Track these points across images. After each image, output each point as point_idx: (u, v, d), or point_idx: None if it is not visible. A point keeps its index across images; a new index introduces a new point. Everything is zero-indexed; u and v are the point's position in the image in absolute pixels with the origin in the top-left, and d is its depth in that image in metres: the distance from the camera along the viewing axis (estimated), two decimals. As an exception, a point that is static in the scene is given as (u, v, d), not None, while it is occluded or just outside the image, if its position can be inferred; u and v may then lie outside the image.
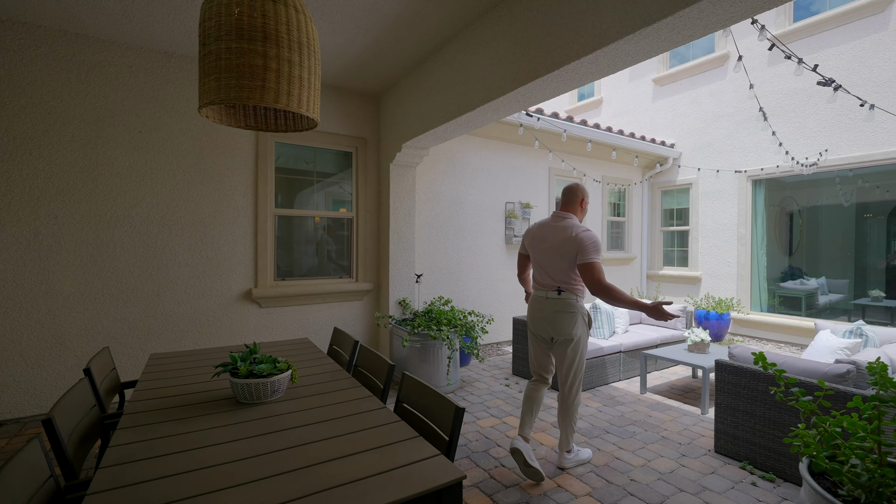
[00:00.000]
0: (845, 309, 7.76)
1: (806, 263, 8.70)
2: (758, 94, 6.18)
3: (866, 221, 8.91)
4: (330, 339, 3.08)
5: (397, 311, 4.66)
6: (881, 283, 7.93)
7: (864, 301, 7.29)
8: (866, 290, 7.82)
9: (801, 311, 7.14)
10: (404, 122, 4.24)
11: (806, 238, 8.89)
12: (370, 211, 4.80)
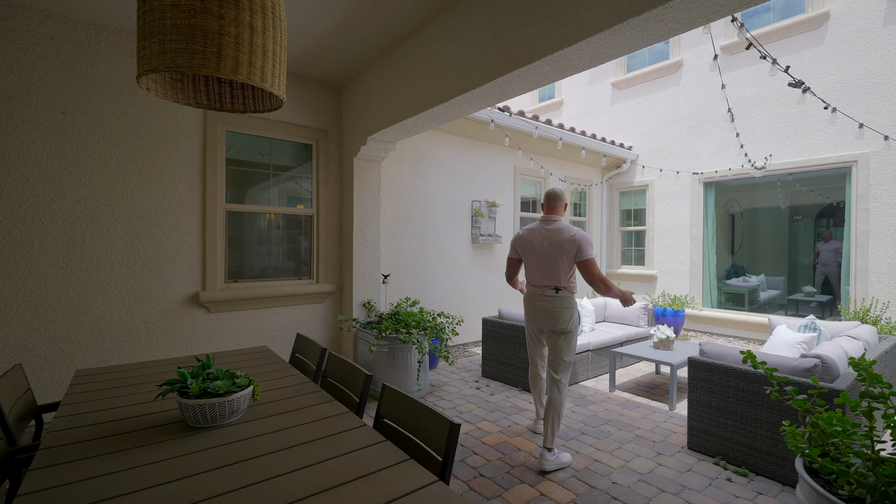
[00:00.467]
0: (781, 304, 8.36)
1: (747, 262, 9.31)
2: (708, 101, 6.48)
3: (797, 223, 9.66)
4: (292, 347, 2.80)
5: (361, 314, 4.41)
6: (811, 280, 8.60)
7: (797, 296, 7.87)
8: (799, 287, 8.46)
9: (744, 307, 7.59)
10: (370, 113, 4.01)
11: (747, 238, 9.52)
12: (332, 208, 4.51)
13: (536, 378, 3.12)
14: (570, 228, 2.75)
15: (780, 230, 9.81)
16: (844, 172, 5.32)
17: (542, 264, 2.77)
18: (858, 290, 5.12)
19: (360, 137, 4.17)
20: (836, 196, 5.80)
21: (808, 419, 1.59)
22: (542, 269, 2.78)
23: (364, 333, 3.98)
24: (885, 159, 4.96)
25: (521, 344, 4.03)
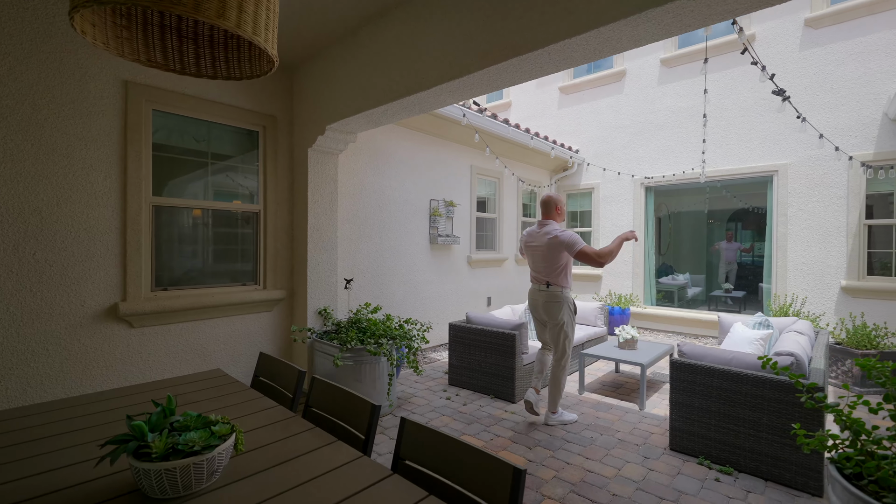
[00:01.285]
0: (702, 300, 9.17)
1: (673, 262, 10.09)
2: (649, 110, 6.85)
3: (713, 225, 10.67)
4: (255, 369, 2.38)
5: (317, 323, 3.97)
6: (725, 278, 9.52)
7: (717, 293, 8.66)
8: (717, 284, 9.34)
9: (674, 303, 8.17)
10: (331, 100, 3.60)
11: (672, 239, 10.33)
12: (282, 204, 4.01)
13: (543, 356, 3.46)
14: (554, 231, 3.22)
15: (700, 232, 10.78)
16: (766, 181, 5.88)
17: (535, 262, 3.35)
18: (779, 286, 5.68)
19: (318, 126, 3.74)
20: (759, 202, 6.43)
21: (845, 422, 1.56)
22: (535, 267, 3.35)
23: (323, 345, 3.57)
24: (801, 171, 5.54)
25: (491, 350, 3.87)
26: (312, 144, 3.82)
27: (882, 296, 4.98)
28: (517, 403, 3.72)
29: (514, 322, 3.86)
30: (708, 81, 6.29)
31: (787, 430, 2.43)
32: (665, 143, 6.66)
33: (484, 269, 6.44)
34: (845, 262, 5.23)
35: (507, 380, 3.77)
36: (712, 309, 7.95)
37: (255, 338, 3.84)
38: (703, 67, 5.40)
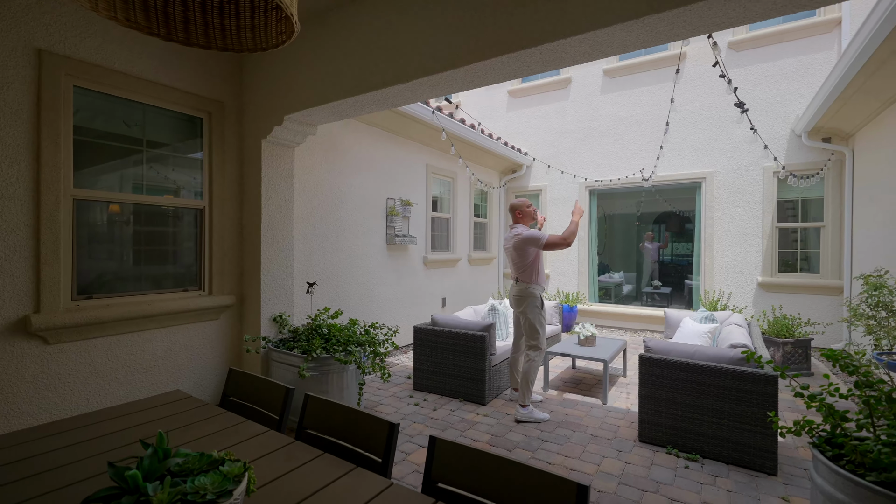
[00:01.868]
0: (634, 296, 9.88)
1: (609, 261, 10.76)
2: (593, 117, 7.22)
3: (640, 227, 11.54)
4: (224, 388, 2.10)
5: (272, 331, 3.64)
6: (653, 276, 10.33)
7: (648, 289, 9.37)
8: (646, 281, 10.12)
9: (611, 300, 8.70)
10: (292, 87, 3.31)
11: (608, 240, 11.01)
12: (230, 200, 3.62)
13: (517, 352, 3.77)
14: (518, 233, 3.52)
15: (630, 233, 11.61)
16: (696, 186, 6.45)
17: (508, 261, 3.68)
18: (707, 283, 6.25)
19: (275, 116, 3.42)
20: (689, 206, 7.05)
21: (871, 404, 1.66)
22: (510, 265, 3.66)
23: (282, 354, 3.27)
24: (725, 178, 6.15)
25: (460, 352, 3.81)
26: (268, 135, 3.48)
27: (790, 290, 5.68)
28: (488, 405, 3.69)
29: (481, 323, 3.82)
30: (644, 94, 6.76)
31: (747, 416, 2.64)
32: (608, 149, 7.05)
33: (439, 269, 6.37)
34: (761, 260, 5.89)
35: (476, 382, 3.73)
36: (643, 304, 8.57)
37: (199, 350, 3.43)
38: (644, 79, 5.79)
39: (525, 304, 3.49)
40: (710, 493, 2.39)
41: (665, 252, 11.51)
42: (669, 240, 11.70)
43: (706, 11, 1.86)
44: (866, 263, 4.70)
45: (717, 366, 2.72)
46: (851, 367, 1.77)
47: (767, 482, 2.49)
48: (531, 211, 3.67)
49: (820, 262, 5.58)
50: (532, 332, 3.48)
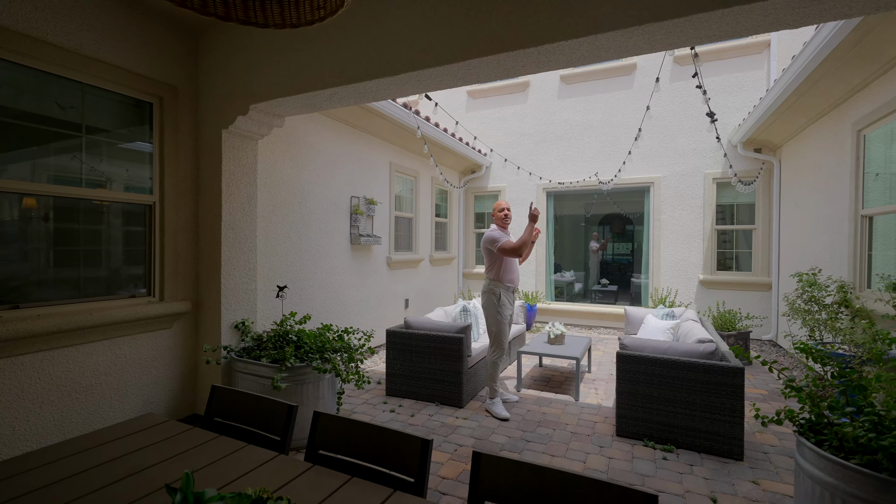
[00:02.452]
0: (583, 294, 10.34)
1: (561, 260, 11.16)
2: (550, 121, 7.43)
3: (586, 228, 12.09)
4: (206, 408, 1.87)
5: (233, 339, 3.34)
6: (600, 274, 10.87)
7: (596, 287, 9.85)
8: (593, 280, 10.63)
9: (564, 298, 9.04)
10: (260, 74, 3.04)
11: (558, 239, 11.40)
12: (184, 195, 3.27)
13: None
14: (487, 233, 3.67)
15: (578, 234, 12.14)
16: (645, 190, 6.86)
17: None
18: (654, 281, 6.67)
19: (239, 104, 3.13)
20: (638, 209, 7.49)
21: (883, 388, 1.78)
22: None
23: (248, 365, 3.00)
24: (671, 183, 6.60)
25: (436, 355, 3.73)
26: (230, 125, 3.19)
27: (727, 286, 6.21)
28: (466, 408, 3.65)
29: (457, 325, 3.78)
30: (598, 101, 7.08)
31: (717, 406, 2.81)
32: (564, 152, 7.29)
33: (402, 270, 6.24)
34: (702, 259, 6.39)
35: (453, 385, 3.67)
36: (592, 301, 8.99)
37: (149, 364, 3.06)
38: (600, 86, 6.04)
39: (485, 300, 3.63)
40: (690, 481, 2.52)
41: (607, 252, 12.17)
42: (610, 240, 12.41)
43: (702, 24, 1.94)
44: (792, 262, 5.25)
45: (689, 360, 2.88)
46: (824, 360, 1.93)
47: (737, 467, 2.67)
48: (500, 214, 3.73)
49: (752, 261, 6.16)
50: (488, 328, 3.61)
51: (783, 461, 2.75)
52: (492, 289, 3.61)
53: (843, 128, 4.01)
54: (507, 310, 3.58)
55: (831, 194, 4.25)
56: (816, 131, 4.62)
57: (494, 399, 3.56)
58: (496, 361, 3.59)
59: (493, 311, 3.59)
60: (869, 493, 1.58)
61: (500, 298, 3.57)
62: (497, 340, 3.59)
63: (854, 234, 3.77)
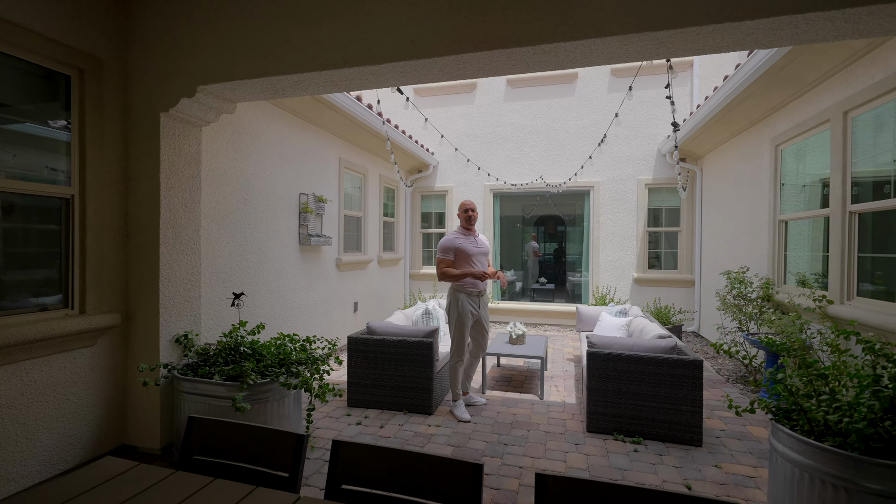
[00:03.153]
0: (521, 293, 10.69)
1: (502, 259, 11.40)
2: (497, 123, 7.55)
3: (523, 229, 12.54)
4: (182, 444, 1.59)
5: (174, 355, 2.91)
6: (537, 273, 11.31)
7: (536, 286, 10.23)
8: (532, 279, 11.04)
9: (506, 297, 9.25)
10: (213, 51, 2.67)
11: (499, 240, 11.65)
12: (111, 188, 2.77)
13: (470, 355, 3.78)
14: (443, 238, 3.63)
15: (515, 234, 12.53)
16: (585, 193, 7.24)
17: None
18: (594, 280, 7.07)
19: (183, 84, 2.72)
20: (579, 211, 7.88)
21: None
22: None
23: (197, 384, 2.61)
24: (608, 188, 7.03)
25: (403, 361, 3.57)
26: (171, 109, 2.76)
27: (657, 283, 6.77)
28: (436, 414, 3.54)
29: (425, 329, 3.65)
30: (543, 106, 7.33)
31: (679, 398, 3.01)
32: (510, 155, 7.45)
33: (351, 272, 5.94)
34: (636, 259, 6.90)
35: (422, 391, 3.54)
36: (532, 300, 9.32)
37: (65, 390, 2.54)
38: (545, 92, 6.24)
39: (448, 304, 3.62)
40: (664, 471, 2.66)
41: (548, 251, 12.73)
42: (542, 240, 13.00)
43: (693, 37, 2.03)
44: (713, 261, 5.86)
45: (655, 356, 3.05)
46: (793, 352, 2.13)
47: (699, 454, 2.87)
48: (464, 215, 3.64)
49: (677, 260, 6.77)
50: (450, 332, 3.59)
51: (734, 444, 3.02)
52: (454, 293, 3.58)
53: (762, 142, 4.54)
54: (468, 314, 3.51)
55: (751, 201, 4.79)
56: (737, 145, 5.19)
57: (457, 402, 3.54)
58: (455, 365, 3.57)
59: (454, 315, 3.55)
60: (842, 471, 1.76)
61: (461, 303, 3.52)
62: (457, 345, 3.55)
63: (773, 237, 4.28)
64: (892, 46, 2.82)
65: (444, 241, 3.59)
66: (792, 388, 1.99)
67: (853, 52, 3.09)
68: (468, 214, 3.63)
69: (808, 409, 1.94)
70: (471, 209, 3.65)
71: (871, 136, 3.15)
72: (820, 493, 1.82)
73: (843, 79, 3.27)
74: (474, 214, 3.65)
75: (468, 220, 3.63)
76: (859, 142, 3.20)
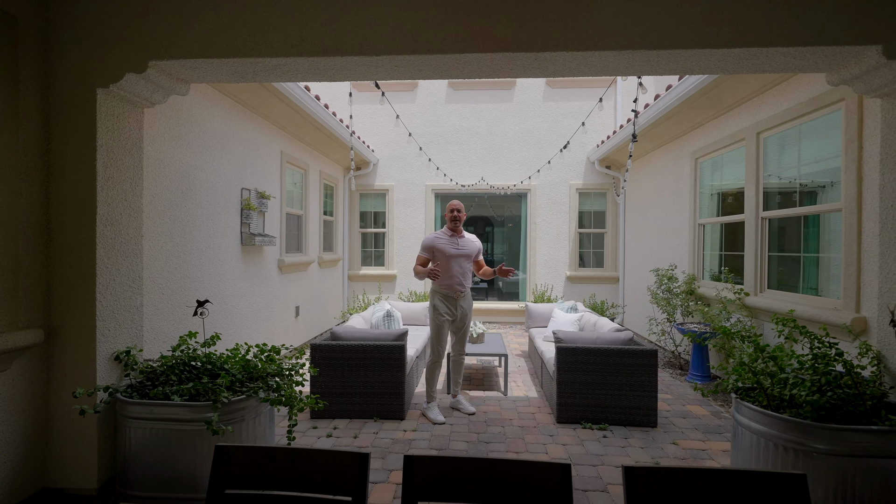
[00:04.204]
0: (455, 291, 10.86)
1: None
2: (438, 123, 7.59)
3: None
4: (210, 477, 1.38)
5: (113, 375, 2.47)
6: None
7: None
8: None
9: (442, 296, 9.33)
10: (172, 21, 2.32)
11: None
12: (29, 177, 2.28)
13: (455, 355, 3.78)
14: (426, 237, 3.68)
15: (447, 234, 12.63)
16: (523, 196, 7.60)
17: None
18: (531, 278, 7.45)
19: (130, 57, 2.33)
20: (505, 212, 8.20)
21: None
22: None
23: (153, 408, 2.25)
24: (543, 191, 7.46)
25: (373, 367, 3.43)
26: (112, 84, 2.34)
27: (586, 280, 7.35)
28: (408, 419, 3.46)
29: (395, 332, 3.55)
30: (483, 109, 7.54)
31: (637, 385, 3.29)
32: (451, 156, 7.54)
33: (293, 274, 5.55)
34: (568, 258, 7.41)
35: (394, 396, 3.43)
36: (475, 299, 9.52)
37: (-29, 427, 2.03)
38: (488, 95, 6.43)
39: (429, 305, 3.65)
40: (633, 452, 2.91)
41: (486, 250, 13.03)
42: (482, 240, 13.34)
43: (676, 58, 2.25)
44: (636, 260, 6.52)
45: (617, 347, 3.31)
46: (754, 339, 2.46)
47: (657, 434, 3.19)
48: (449, 215, 3.61)
49: (604, 259, 7.42)
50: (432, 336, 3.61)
51: (680, 422, 3.40)
52: (431, 294, 3.61)
53: (683, 155, 5.16)
54: (442, 315, 3.49)
55: (672, 206, 5.42)
56: (659, 156, 5.84)
57: (430, 404, 3.52)
58: (431, 366, 3.57)
59: (431, 316, 3.59)
60: (796, 436, 2.07)
61: (435, 304, 3.53)
62: (433, 346, 3.57)
63: (693, 238, 4.90)
64: (797, 80, 3.39)
65: (425, 238, 3.66)
66: (756, 369, 2.31)
67: (765, 83, 3.66)
68: (453, 215, 3.60)
69: (766, 386, 2.26)
70: (456, 209, 3.61)
71: (776, 155, 3.76)
72: (778, 456, 2.13)
73: (756, 105, 3.86)
74: (459, 215, 3.60)
75: (453, 220, 3.59)
76: (769, 158, 3.80)
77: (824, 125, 3.23)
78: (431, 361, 3.57)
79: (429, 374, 3.57)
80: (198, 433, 2.24)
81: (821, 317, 3.02)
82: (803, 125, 3.40)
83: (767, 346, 2.41)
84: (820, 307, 3.14)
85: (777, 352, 2.41)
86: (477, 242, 3.70)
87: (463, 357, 3.72)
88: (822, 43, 2.10)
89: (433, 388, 3.56)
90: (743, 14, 2.12)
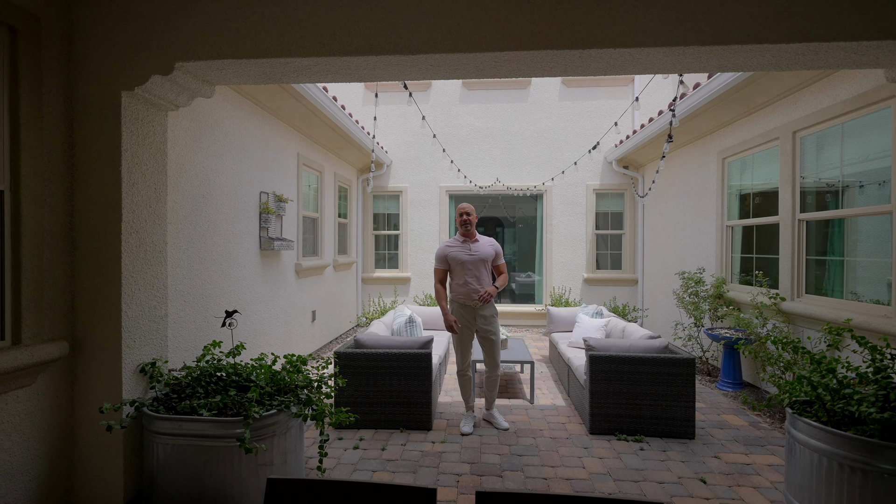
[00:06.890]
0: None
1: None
2: (452, 124, 7.48)
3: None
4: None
5: (138, 389, 2.39)
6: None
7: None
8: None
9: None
10: (198, 19, 2.23)
11: (442, 241, 11.62)
12: (53, 183, 2.19)
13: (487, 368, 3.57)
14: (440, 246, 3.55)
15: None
16: (538, 196, 7.47)
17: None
18: (548, 280, 7.33)
19: (157, 58, 2.24)
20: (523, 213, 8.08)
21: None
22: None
23: (181, 423, 2.16)
24: (560, 192, 7.33)
25: (399, 375, 3.33)
26: (137, 87, 2.25)
27: (604, 283, 7.21)
28: (434, 429, 3.35)
29: (419, 339, 3.46)
30: (498, 109, 7.43)
31: (674, 395, 3.18)
32: (466, 156, 7.43)
33: (310, 278, 5.47)
34: (585, 260, 7.28)
35: (421, 406, 3.33)
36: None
37: (-4, 445, 1.95)
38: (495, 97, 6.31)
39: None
40: (674, 467, 2.78)
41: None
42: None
43: (729, 54, 2.13)
44: (655, 261, 6.38)
45: (652, 356, 3.19)
46: (803, 350, 2.34)
47: (696, 446, 3.06)
48: (459, 220, 3.46)
49: (622, 261, 7.28)
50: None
51: (719, 433, 3.27)
52: (450, 301, 3.48)
53: (709, 155, 5.02)
54: (461, 325, 3.33)
55: (696, 207, 5.28)
56: (681, 155, 5.70)
57: (466, 413, 3.44)
58: (458, 377, 3.47)
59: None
60: (860, 455, 1.95)
61: (454, 313, 3.41)
62: (456, 355, 3.46)
63: (721, 241, 4.76)
64: (838, 77, 3.26)
65: (438, 249, 3.52)
66: (815, 383, 2.18)
67: (802, 81, 3.52)
68: (462, 219, 3.43)
69: (826, 401, 2.13)
70: (465, 213, 3.44)
71: (814, 154, 3.62)
72: (843, 476, 2.00)
73: (792, 102, 3.72)
74: (469, 219, 3.41)
75: (463, 224, 3.43)
76: (806, 158, 3.66)
77: (869, 123, 3.09)
78: (457, 371, 3.47)
79: (459, 384, 3.48)
80: (227, 450, 2.15)
81: (869, 324, 2.88)
82: (846, 123, 3.26)
83: (824, 358, 2.28)
84: (867, 314, 3.01)
85: (834, 363, 2.28)
86: (493, 245, 3.48)
87: (497, 374, 3.43)
88: (888, 37, 1.98)
89: (466, 400, 3.47)
90: (803, 7, 2.00)
